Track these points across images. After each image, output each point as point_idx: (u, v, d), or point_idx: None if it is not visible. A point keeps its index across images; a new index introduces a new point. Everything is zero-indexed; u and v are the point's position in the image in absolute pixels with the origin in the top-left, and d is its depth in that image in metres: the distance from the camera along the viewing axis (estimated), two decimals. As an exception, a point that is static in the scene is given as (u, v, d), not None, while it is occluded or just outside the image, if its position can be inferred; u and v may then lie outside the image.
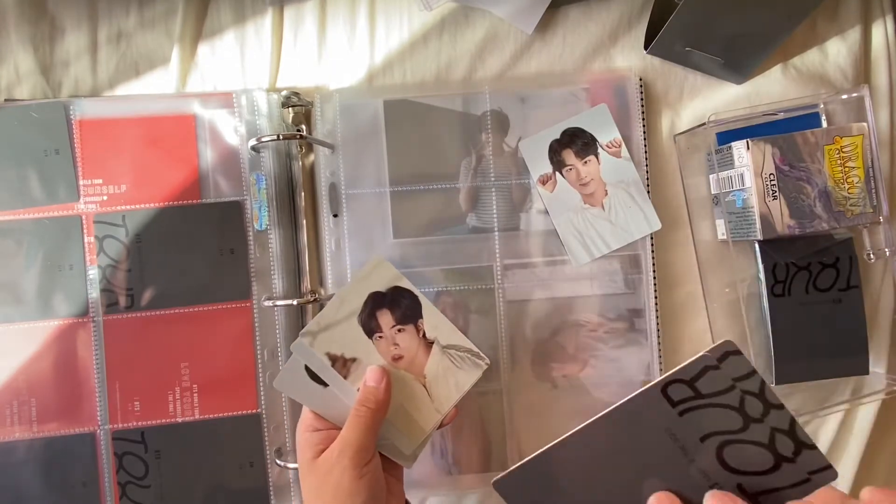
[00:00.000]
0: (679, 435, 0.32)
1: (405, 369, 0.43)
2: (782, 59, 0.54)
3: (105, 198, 0.50)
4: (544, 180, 0.51)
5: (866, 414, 0.55)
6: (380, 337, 0.43)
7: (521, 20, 0.52)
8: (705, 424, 0.32)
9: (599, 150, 0.51)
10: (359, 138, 0.52)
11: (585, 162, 0.51)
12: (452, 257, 0.52)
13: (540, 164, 0.51)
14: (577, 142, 0.51)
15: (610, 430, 0.33)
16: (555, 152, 0.51)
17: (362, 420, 0.39)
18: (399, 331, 0.44)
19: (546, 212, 0.52)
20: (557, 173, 0.51)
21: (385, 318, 0.44)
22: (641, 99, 0.53)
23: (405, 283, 0.44)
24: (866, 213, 0.49)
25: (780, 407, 0.32)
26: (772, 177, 0.49)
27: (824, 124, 0.53)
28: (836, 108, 0.53)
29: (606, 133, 0.51)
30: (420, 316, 0.44)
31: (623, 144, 0.51)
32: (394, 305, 0.44)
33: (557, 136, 0.52)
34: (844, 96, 0.52)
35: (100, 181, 0.50)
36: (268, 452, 0.51)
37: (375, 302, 0.43)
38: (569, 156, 0.51)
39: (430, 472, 0.52)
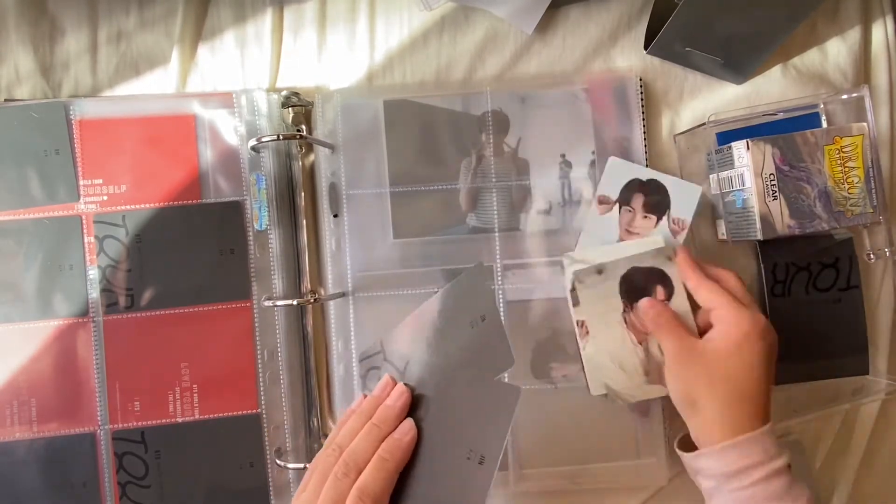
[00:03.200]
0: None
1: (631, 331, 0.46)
2: (782, 59, 0.54)
3: (105, 198, 0.50)
4: (603, 201, 0.50)
5: (866, 414, 0.55)
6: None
7: (521, 20, 0.52)
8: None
9: (665, 217, 0.51)
10: (359, 138, 0.52)
11: (646, 216, 0.50)
12: (452, 257, 0.52)
13: (611, 186, 0.51)
14: (654, 195, 0.51)
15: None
16: (630, 189, 0.51)
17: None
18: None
19: (548, 212, 0.52)
20: (618, 205, 0.51)
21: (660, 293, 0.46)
22: (641, 99, 0.53)
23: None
24: (866, 213, 0.49)
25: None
26: (772, 177, 0.49)
27: (824, 124, 0.53)
28: (836, 108, 0.53)
29: (683, 210, 0.50)
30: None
31: (685, 229, 0.50)
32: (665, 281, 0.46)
33: (643, 179, 0.51)
34: (844, 96, 0.52)
35: (100, 181, 0.50)
36: (268, 452, 0.51)
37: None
38: (638, 200, 0.51)
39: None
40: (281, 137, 0.49)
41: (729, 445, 0.39)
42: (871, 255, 0.52)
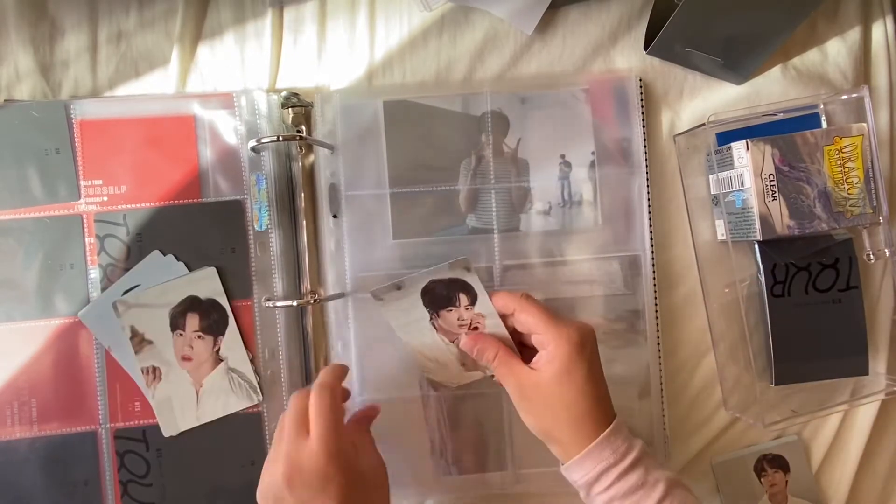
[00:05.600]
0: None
1: (189, 371, 0.50)
2: (782, 60, 0.54)
3: (105, 198, 0.50)
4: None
5: (866, 414, 0.55)
6: (180, 335, 0.50)
7: (521, 20, 0.52)
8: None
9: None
10: (359, 139, 0.52)
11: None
12: (452, 258, 0.51)
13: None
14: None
15: None
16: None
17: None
18: (199, 337, 0.50)
19: (548, 212, 0.52)
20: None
21: (192, 321, 0.50)
22: (641, 99, 0.53)
23: (223, 301, 0.50)
24: (866, 213, 0.49)
25: None
26: (771, 177, 0.49)
27: (824, 125, 0.53)
28: (835, 108, 0.53)
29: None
30: (223, 333, 0.50)
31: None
32: (204, 314, 0.50)
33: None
34: (844, 97, 0.52)
35: (100, 182, 0.50)
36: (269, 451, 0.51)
37: (192, 304, 0.49)
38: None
39: (428, 473, 0.52)
40: (281, 138, 0.49)
41: (582, 457, 0.41)
42: (871, 256, 0.52)
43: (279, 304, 0.50)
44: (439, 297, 0.46)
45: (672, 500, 0.40)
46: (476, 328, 0.46)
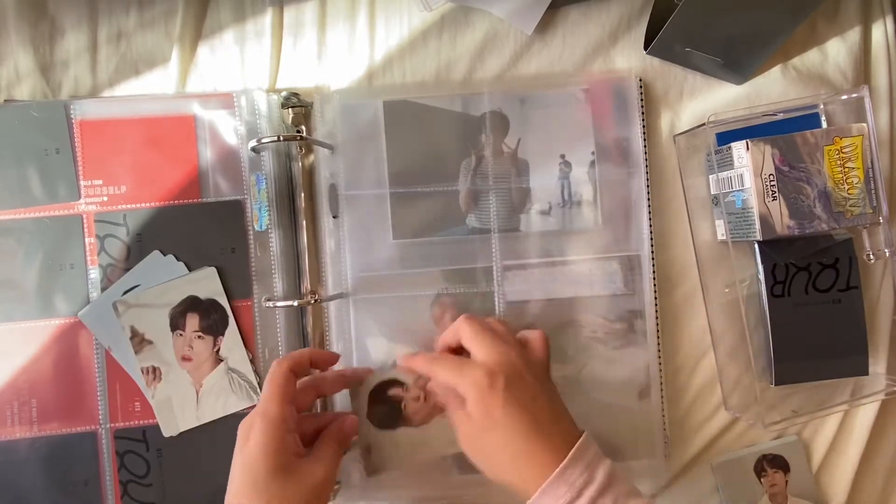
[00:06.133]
0: None
1: (189, 371, 0.50)
2: (782, 60, 0.54)
3: (105, 198, 0.50)
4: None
5: (866, 414, 0.55)
6: (180, 335, 0.49)
7: (520, 20, 0.52)
8: None
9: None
10: (358, 139, 0.52)
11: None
12: (452, 258, 0.52)
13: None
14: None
15: None
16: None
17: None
18: (199, 337, 0.50)
19: (548, 213, 0.52)
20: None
21: (192, 322, 0.50)
22: (641, 99, 0.53)
23: (223, 301, 0.50)
24: (866, 213, 0.49)
25: None
26: (771, 177, 0.49)
27: (824, 125, 0.53)
28: (835, 108, 0.53)
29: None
30: (223, 333, 0.50)
31: None
32: (204, 314, 0.49)
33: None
34: (844, 97, 0.51)
35: (100, 182, 0.50)
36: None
37: (192, 304, 0.49)
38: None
39: (431, 473, 0.52)
40: (281, 138, 0.49)
41: (534, 500, 0.38)
42: (871, 256, 0.52)
43: (279, 304, 0.50)
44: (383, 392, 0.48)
45: None
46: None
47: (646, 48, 0.53)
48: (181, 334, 0.50)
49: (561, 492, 0.37)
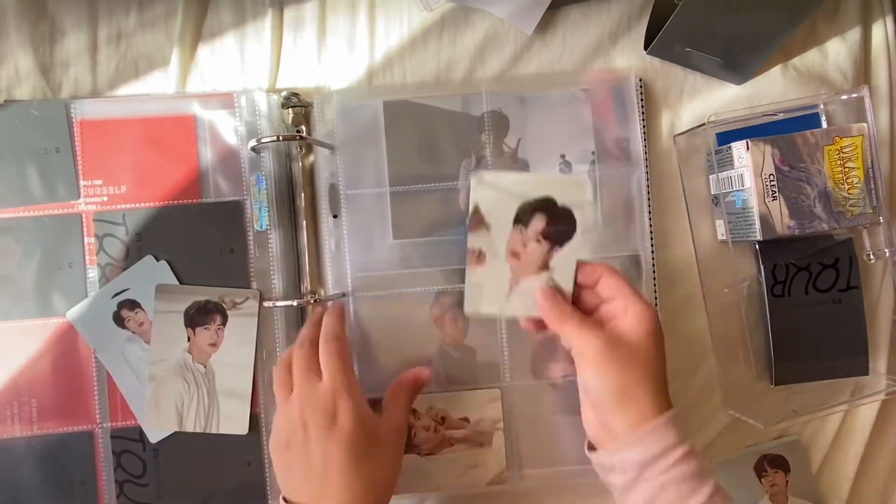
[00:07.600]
0: None
1: (514, 266, 0.45)
2: (782, 60, 0.54)
3: (105, 198, 0.50)
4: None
5: (866, 414, 0.55)
6: (521, 231, 0.45)
7: (521, 20, 0.52)
8: None
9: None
10: (358, 139, 0.52)
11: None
12: (452, 258, 0.51)
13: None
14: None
15: None
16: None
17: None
18: (537, 241, 0.45)
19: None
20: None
21: (539, 222, 0.45)
22: (641, 99, 0.53)
23: (589, 214, 0.45)
24: (866, 213, 0.49)
25: None
26: (771, 177, 0.49)
27: (824, 125, 0.53)
28: (836, 108, 0.53)
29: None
30: (562, 247, 0.45)
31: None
32: (557, 221, 0.45)
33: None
34: (844, 97, 0.52)
35: (100, 181, 0.50)
36: (266, 451, 0.51)
37: (546, 206, 0.45)
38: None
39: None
40: (281, 138, 0.49)
41: (650, 430, 0.39)
42: (871, 256, 0.52)
43: (279, 304, 0.50)
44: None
45: (723, 498, 0.39)
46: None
47: (646, 48, 0.53)
48: (522, 231, 0.46)
49: (670, 433, 0.39)
